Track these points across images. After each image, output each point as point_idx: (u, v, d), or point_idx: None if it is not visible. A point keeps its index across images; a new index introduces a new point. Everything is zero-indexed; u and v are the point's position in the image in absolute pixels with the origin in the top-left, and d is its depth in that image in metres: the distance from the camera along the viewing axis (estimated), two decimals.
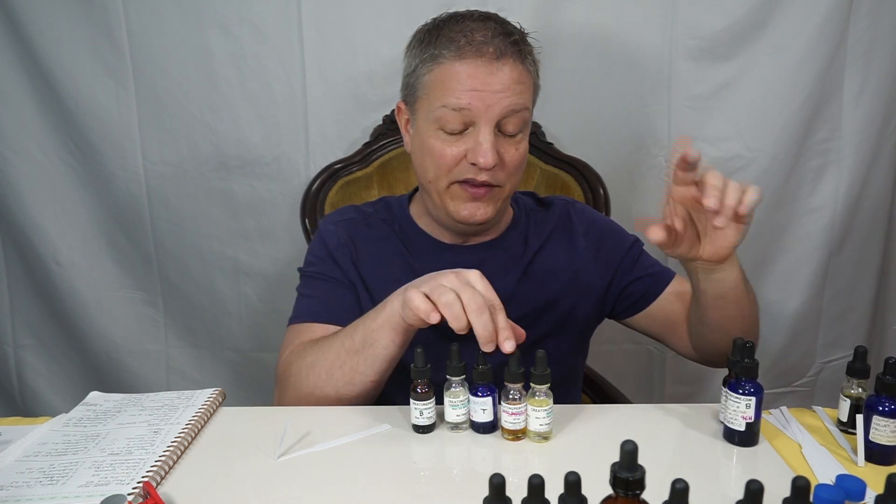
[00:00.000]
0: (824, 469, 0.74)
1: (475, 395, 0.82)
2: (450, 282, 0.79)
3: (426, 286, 0.80)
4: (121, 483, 0.72)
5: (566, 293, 1.06)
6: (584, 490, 0.50)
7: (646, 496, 0.50)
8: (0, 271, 1.64)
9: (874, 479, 0.70)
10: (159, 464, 0.75)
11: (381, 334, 0.85)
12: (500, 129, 0.93)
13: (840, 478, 0.67)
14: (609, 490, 0.51)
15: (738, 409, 0.78)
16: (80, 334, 1.63)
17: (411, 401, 0.82)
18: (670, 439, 0.82)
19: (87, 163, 1.54)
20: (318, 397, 0.90)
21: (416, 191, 1.10)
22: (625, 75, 1.46)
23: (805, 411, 0.88)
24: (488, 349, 0.77)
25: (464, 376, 0.82)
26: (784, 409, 0.88)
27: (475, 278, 0.80)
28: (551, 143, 1.40)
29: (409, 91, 0.98)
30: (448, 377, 0.82)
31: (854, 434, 0.78)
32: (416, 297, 0.79)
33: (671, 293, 1.05)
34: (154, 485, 0.72)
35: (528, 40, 0.95)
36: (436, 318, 0.78)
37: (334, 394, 0.89)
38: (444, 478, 0.75)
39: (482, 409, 0.82)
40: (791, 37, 1.42)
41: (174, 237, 1.57)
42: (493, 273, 1.03)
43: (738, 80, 1.46)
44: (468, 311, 0.76)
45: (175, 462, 0.78)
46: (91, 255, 1.59)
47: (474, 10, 0.96)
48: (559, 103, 1.44)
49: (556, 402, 0.80)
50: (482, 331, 0.76)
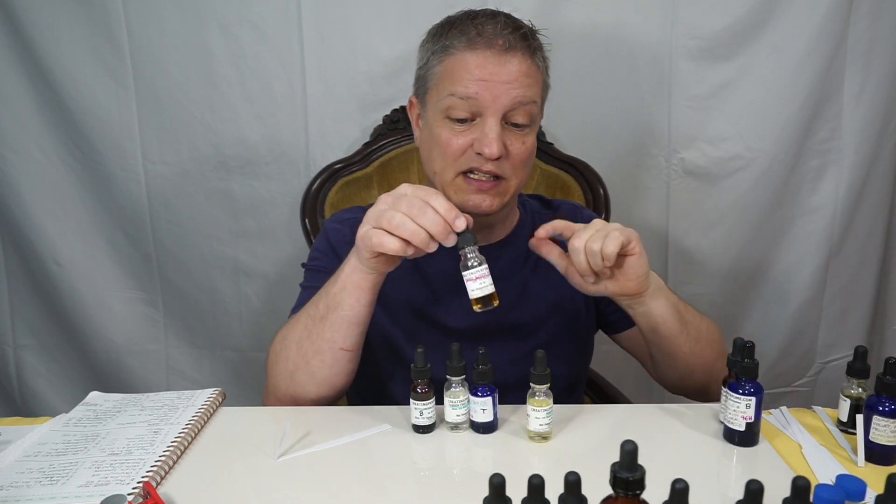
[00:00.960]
0: (824, 469, 0.74)
1: (475, 395, 0.82)
2: (384, 203, 0.81)
3: (369, 221, 0.81)
4: (121, 483, 0.72)
5: (573, 295, 1.05)
6: (584, 490, 0.50)
7: (646, 496, 0.50)
8: (0, 271, 1.64)
9: (874, 479, 0.70)
10: (159, 464, 0.75)
11: (344, 296, 0.86)
12: (507, 122, 0.93)
13: (840, 478, 0.67)
14: (609, 490, 0.51)
15: (738, 409, 0.78)
16: (80, 334, 1.63)
17: (411, 401, 0.83)
18: (670, 439, 0.82)
19: (87, 163, 1.53)
20: (293, 373, 0.90)
21: None
22: (625, 75, 1.46)
23: (805, 411, 0.88)
24: (449, 243, 0.79)
25: (464, 376, 0.82)
26: (784, 409, 0.88)
27: (402, 188, 0.81)
28: (551, 143, 1.40)
29: (421, 83, 0.99)
30: (448, 377, 0.82)
31: (854, 434, 0.78)
32: (372, 236, 0.80)
33: None
34: (154, 485, 0.72)
35: (539, 37, 0.96)
36: (410, 249, 0.79)
37: (305, 365, 0.89)
38: (444, 478, 0.75)
39: (482, 409, 0.82)
40: (791, 37, 1.42)
41: (174, 237, 1.57)
42: (500, 275, 1.03)
43: (738, 80, 1.46)
44: (413, 217, 0.78)
45: (175, 462, 0.78)
46: (91, 255, 1.59)
47: (487, 9, 0.97)
48: (559, 103, 1.43)
49: (563, 403, 0.80)
50: (434, 227, 0.78)
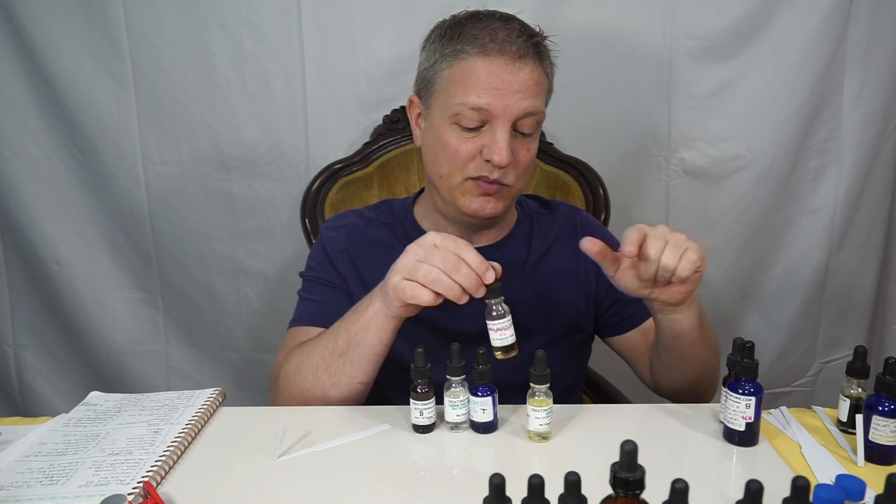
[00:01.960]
0: (824, 469, 0.74)
1: (475, 395, 0.82)
2: (416, 254, 0.80)
3: (402, 271, 0.81)
4: (121, 483, 0.72)
5: (571, 297, 1.06)
6: (584, 490, 0.50)
7: (646, 496, 0.50)
8: (0, 271, 1.64)
9: (874, 478, 0.70)
10: (159, 464, 0.75)
11: (367, 335, 0.86)
12: (514, 129, 0.93)
13: (840, 478, 0.67)
14: (609, 490, 0.51)
15: (738, 409, 0.78)
16: (80, 334, 1.63)
17: (411, 401, 0.83)
18: (670, 439, 0.82)
19: (87, 163, 1.54)
20: (307, 398, 0.90)
21: (421, 192, 1.10)
22: (625, 75, 1.46)
23: (805, 411, 0.88)
24: (479, 295, 0.79)
25: (464, 376, 0.82)
26: (784, 409, 0.88)
27: (433, 238, 0.81)
28: (551, 143, 1.40)
29: (425, 85, 0.98)
30: (448, 377, 0.82)
31: (854, 434, 0.78)
32: (405, 288, 0.79)
33: (647, 328, 1.06)
34: (154, 485, 0.72)
35: (547, 44, 0.96)
36: (439, 300, 0.79)
37: (321, 395, 0.89)
38: (444, 478, 0.75)
39: (482, 408, 0.82)
40: (791, 37, 1.42)
41: (174, 237, 1.57)
42: None
43: (738, 80, 1.46)
44: (448, 272, 0.78)
45: (175, 462, 0.78)
46: (91, 255, 1.59)
47: (495, 11, 0.97)
48: (559, 103, 1.42)
49: (563, 403, 0.80)
50: (468, 283, 0.78)
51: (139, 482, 0.72)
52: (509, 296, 1.00)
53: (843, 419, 0.82)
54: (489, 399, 0.81)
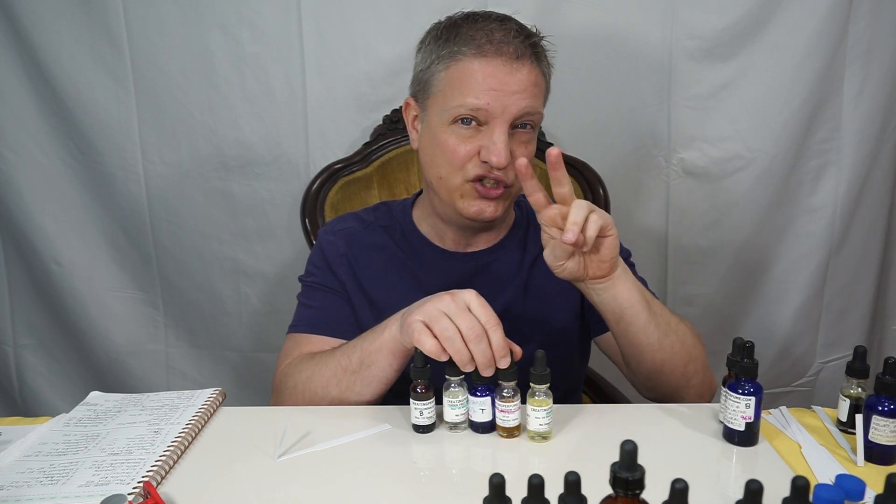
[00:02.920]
0: (824, 469, 0.74)
1: (474, 394, 0.82)
2: (447, 307, 0.79)
3: (424, 313, 0.80)
4: (121, 483, 0.72)
5: (568, 299, 1.05)
6: (584, 490, 0.50)
7: (646, 496, 0.50)
8: (0, 271, 1.64)
9: (874, 478, 0.70)
10: (159, 464, 0.75)
11: (379, 357, 0.86)
12: (512, 129, 0.93)
13: (840, 478, 0.67)
14: (609, 490, 0.51)
15: (738, 409, 0.78)
16: (80, 334, 1.63)
17: (411, 401, 0.83)
18: (670, 439, 0.82)
19: (87, 163, 1.54)
20: (312, 407, 0.92)
21: (419, 194, 1.10)
22: (625, 75, 1.46)
23: (805, 411, 0.88)
24: (487, 374, 0.78)
25: (463, 376, 0.82)
26: (784, 409, 0.88)
27: (471, 299, 0.80)
28: (551, 143, 1.40)
29: (422, 87, 0.97)
30: (447, 377, 0.82)
31: (854, 434, 0.78)
32: (416, 331, 0.79)
33: None
34: (154, 485, 0.72)
35: (544, 44, 0.95)
36: (445, 357, 0.79)
37: (327, 405, 0.91)
38: (444, 478, 0.75)
39: (481, 408, 0.82)
40: (791, 37, 1.42)
41: (174, 237, 1.57)
42: (493, 280, 1.03)
43: (738, 80, 1.46)
44: (467, 340, 0.77)
45: (175, 462, 0.78)
46: (91, 255, 1.59)
47: (491, 12, 0.96)
48: (559, 103, 1.43)
49: (563, 403, 0.80)
50: (481, 358, 0.78)
51: (139, 482, 0.72)
52: (507, 297, 1.00)
53: (843, 419, 0.82)
54: (488, 399, 0.81)
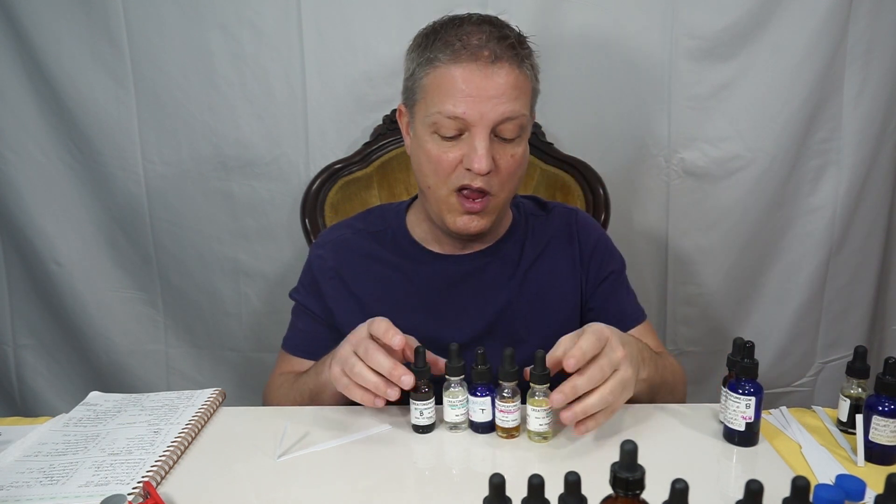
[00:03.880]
0: (824, 469, 0.74)
1: (474, 394, 0.82)
2: (353, 344, 0.81)
3: (339, 360, 0.82)
4: (121, 483, 0.72)
5: (565, 302, 1.05)
6: (584, 490, 0.50)
7: (646, 496, 0.50)
8: (0, 271, 1.64)
9: (874, 478, 0.70)
10: (159, 464, 0.75)
11: (325, 395, 0.91)
12: (496, 134, 0.92)
13: (840, 478, 0.67)
14: (609, 490, 0.51)
15: (738, 409, 0.78)
16: (80, 334, 1.63)
17: (411, 401, 0.83)
18: (670, 439, 0.82)
19: (87, 163, 1.53)
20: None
21: (416, 198, 1.10)
22: (625, 75, 1.46)
23: (805, 411, 0.88)
24: (391, 397, 0.79)
25: (462, 376, 0.82)
26: (784, 409, 0.88)
27: (371, 328, 0.81)
28: (551, 143, 1.40)
29: (409, 94, 0.97)
30: (447, 377, 0.82)
31: (854, 434, 0.78)
32: (343, 386, 0.81)
33: None
34: (154, 485, 0.72)
35: (528, 44, 0.94)
36: (380, 403, 0.80)
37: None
38: (444, 478, 0.75)
39: (481, 408, 0.82)
40: (791, 37, 1.42)
41: (174, 237, 1.57)
42: (491, 281, 1.03)
43: (738, 80, 1.46)
44: (369, 363, 0.79)
45: (175, 462, 0.78)
46: (91, 255, 1.59)
47: (474, 14, 0.94)
48: (559, 103, 1.44)
49: None
50: (384, 372, 0.78)
51: (139, 482, 0.72)
52: (503, 300, 1.00)
53: (843, 419, 0.82)
54: (488, 399, 0.81)
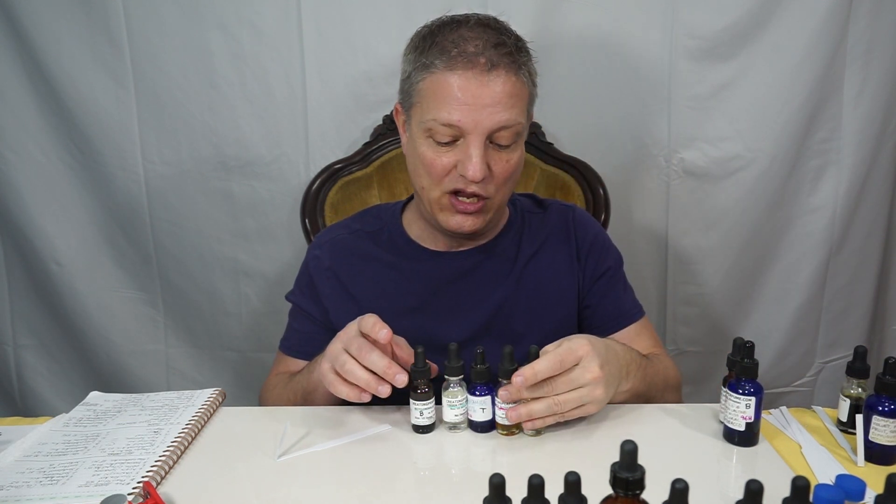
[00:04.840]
0: (824, 469, 0.74)
1: (473, 394, 0.82)
2: (343, 341, 0.82)
3: (329, 357, 0.83)
4: (121, 483, 0.72)
5: (562, 298, 1.05)
6: (584, 490, 0.50)
7: (646, 496, 0.50)
8: (0, 271, 1.64)
9: (874, 479, 0.70)
10: (159, 464, 0.75)
11: (317, 394, 0.92)
12: (491, 141, 0.92)
13: (840, 478, 0.67)
14: (609, 490, 0.51)
15: (738, 409, 0.78)
16: (80, 334, 1.63)
17: (411, 401, 0.83)
18: (670, 439, 0.82)
19: (87, 163, 1.53)
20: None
21: (412, 198, 1.10)
22: (625, 75, 1.46)
23: (805, 411, 0.88)
24: (382, 394, 0.79)
25: (462, 376, 0.82)
26: (784, 409, 0.88)
27: (361, 324, 0.82)
28: (551, 143, 1.40)
29: (405, 96, 0.97)
30: (446, 377, 0.82)
31: (854, 434, 0.78)
32: (330, 382, 0.82)
33: (619, 339, 1.00)
34: (154, 485, 0.72)
35: (526, 48, 0.93)
36: (366, 397, 0.80)
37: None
38: (444, 478, 0.75)
39: (481, 408, 0.82)
40: (791, 37, 1.42)
41: (174, 237, 1.57)
42: (486, 279, 1.03)
43: (738, 80, 1.46)
44: (362, 361, 0.79)
45: (175, 462, 0.78)
46: (91, 256, 1.59)
47: (472, 15, 0.93)
48: (559, 103, 1.44)
49: None
50: (378, 370, 0.79)
51: (139, 482, 0.72)
52: (500, 296, 1.00)
53: (843, 419, 0.82)
54: (487, 398, 0.81)
